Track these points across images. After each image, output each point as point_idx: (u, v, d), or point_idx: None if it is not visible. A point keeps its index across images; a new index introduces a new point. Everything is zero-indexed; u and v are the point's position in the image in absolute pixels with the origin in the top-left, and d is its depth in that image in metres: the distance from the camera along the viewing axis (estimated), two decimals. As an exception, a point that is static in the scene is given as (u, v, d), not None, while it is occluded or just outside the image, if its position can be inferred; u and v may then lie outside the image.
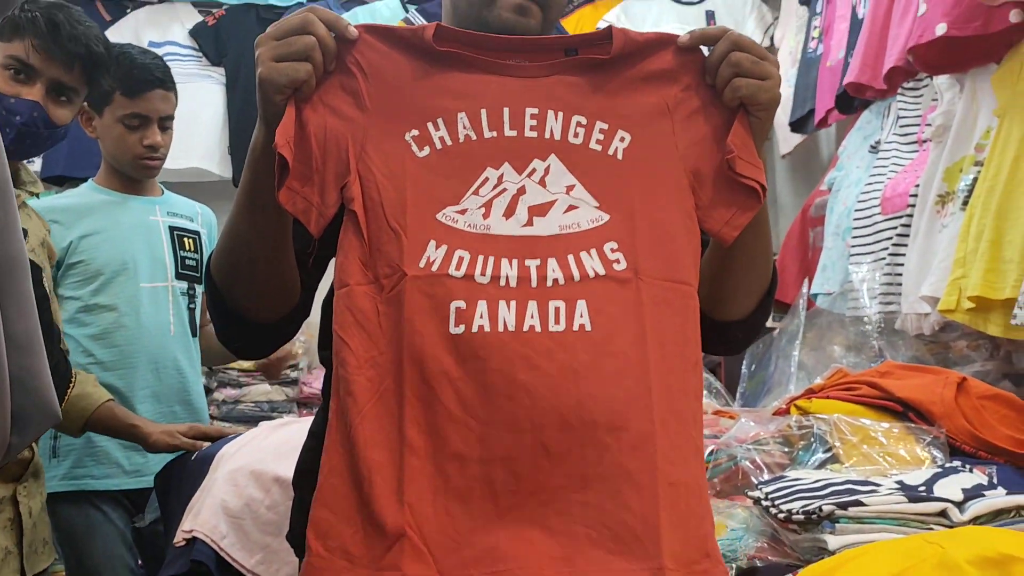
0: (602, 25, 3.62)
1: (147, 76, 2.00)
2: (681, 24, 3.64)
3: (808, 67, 3.02)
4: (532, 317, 0.92)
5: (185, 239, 2.23)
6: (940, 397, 1.63)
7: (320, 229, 0.97)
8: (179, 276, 2.17)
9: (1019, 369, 1.89)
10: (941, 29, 1.93)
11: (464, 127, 0.98)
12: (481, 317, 0.92)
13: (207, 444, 1.95)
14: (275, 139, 0.94)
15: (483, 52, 1.01)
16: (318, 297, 1.22)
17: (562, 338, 0.92)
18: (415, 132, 0.97)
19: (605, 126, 0.99)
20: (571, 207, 0.97)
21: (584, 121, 0.99)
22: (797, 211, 3.15)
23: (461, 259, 0.94)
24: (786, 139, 3.33)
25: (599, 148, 0.99)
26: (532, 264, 0.94)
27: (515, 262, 0.94)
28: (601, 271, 0.95)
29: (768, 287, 1.16)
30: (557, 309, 0.93)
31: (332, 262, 1.16)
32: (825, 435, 1.60)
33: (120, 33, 3.46)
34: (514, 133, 0.98)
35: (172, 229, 2.19)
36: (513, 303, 0.92)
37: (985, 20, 1.88)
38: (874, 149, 2.47)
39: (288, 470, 1.74)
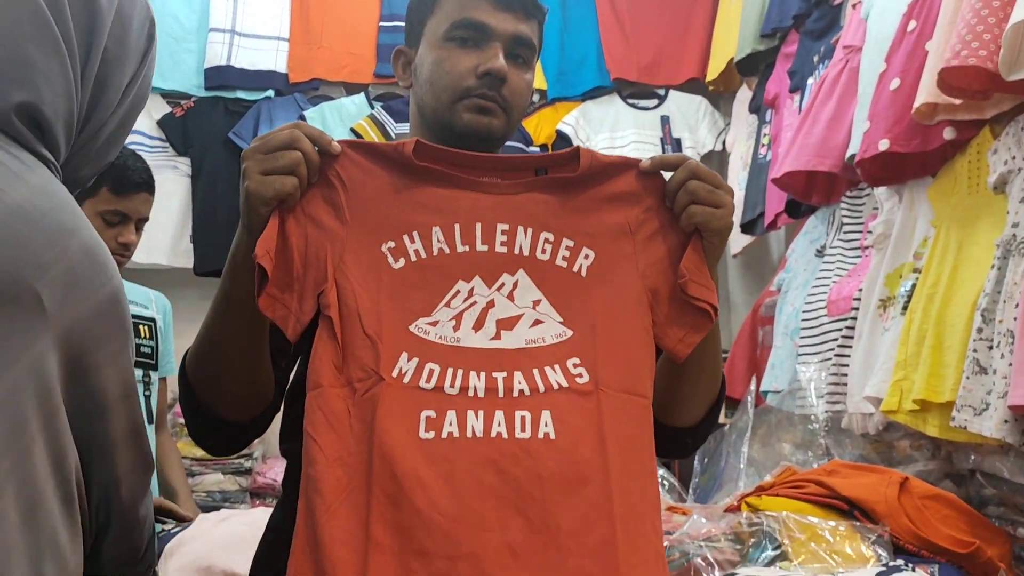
0: (561, 127, 3.75)
1: (137, 179, 2.06)
2: (637, 128, 3.79)
3: (758, 172, 3.15)
4: (499, 425, 0.96)
5: (140, 326, 2.24)
6: (884, 496, 1.67)
7: (297, 335, 1.00)
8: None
9: (960, 469, 1.95)
10: (884, 145, 2.03)
11: (438, 240, 1.03)
12: (450, 425, 0.96)
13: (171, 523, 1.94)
14: (255, 250, 0.97)
15: (459, 168, 1.06)
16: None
17: (528, 445, 0.96)
18: (391, 244, 1.02)
19: (571, 243, 1.04)
20: (537, 321, 1.02)
21: (551, 238, 1.04)
22: (748, 309, 3.23)
23: (432, 371, 0.98)
24: (736, 240, 3.45)
25: (564, 264, 1.04)
26: (499, 376, 0.98)
27: (483, 374, 0.98)
28: (564, 383, 0.99)
29: (717, 396, 1.21)
30: (523, 418, 0.97)
31: (300, 360, 1.19)
32: (774, 533, 1.63)
33: (88, 121, 3.51)
34: (485, 248, 1.03)
35: None
36: (481, 412, 0.96)
37: (923, 138, 1.99)
38: (820, 253, 2.56)
39: (236, 563, 1.74)
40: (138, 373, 2.17)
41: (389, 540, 0.92)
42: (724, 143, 3.79)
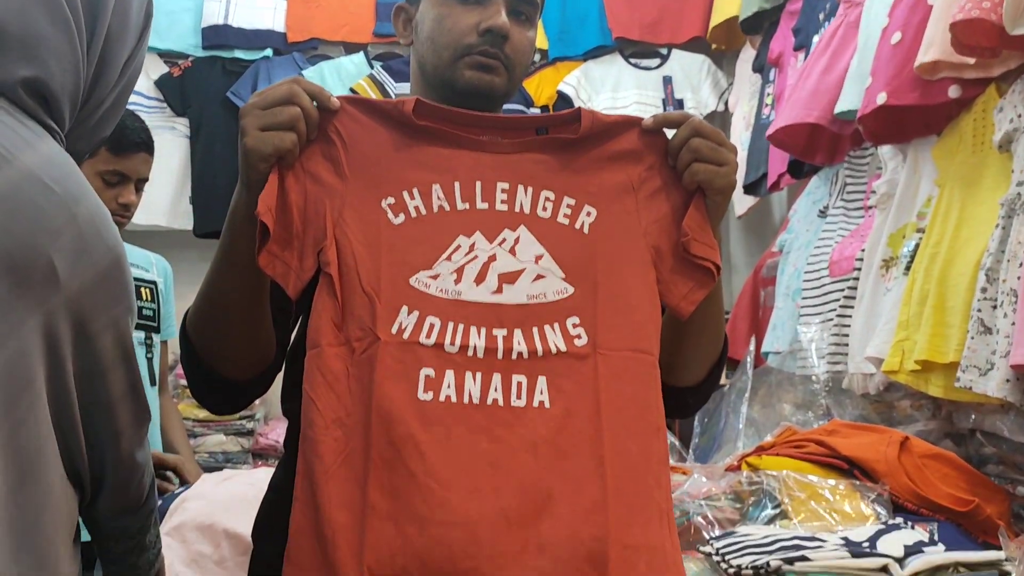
0: (563, 88, 3.71)
1: (136, 139, 2.02)
2: (639, 88, 3.75)
3: (761, 132, 3.11)
4: (496, 391, 0.96)
5: (142, 289, 2.23)
6: (884, 456, 1.68)
7: (297, 292, 1.00)
8: (135, 327, 2.17)
9: (960, 429, 1.95)
10: (881, 98, 2.02)
11: (438, 198, 1.02)
12: (448, 387, 0.95)
13: (175, 485, 1.94)
14: (257, 207, 0.96)
15: (459, 127, 1.05)
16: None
17: (522, 413, 0.96)
18: (391, 200, 1.01)
19: (572, 201, 1.03)
20: (539, 276, 1.01)
21: (552, 196, 1.03)
22: (750, 270, 3.23)
23: (432, 326, 0.97)
24: (741, 201, 3.43)
25: (566, 222, 1.03)
26: (499, 334, 0.98)
27: (483, 331, 0.97)
28: (562, 347, 0.99)
29: (719, 356, 1.20)
30: (519, 384, 0.97)
31: (302, 319, 1.18)
32: (774, 492, 1.64)
33: (84, 81, 3.47)
34: (485, 205, 1.02)
35: None
36: (479, 375, 0.96)
37: (923, 92, 1.97)
38: (822, 214, 2.55)
39: (239, 523, 1.75)
40: (140, 336, 2.17)
41: (386, 505, 0.92)
42: (727, 103, 3.76)
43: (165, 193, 3.49)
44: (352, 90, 3.56)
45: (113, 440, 0.93)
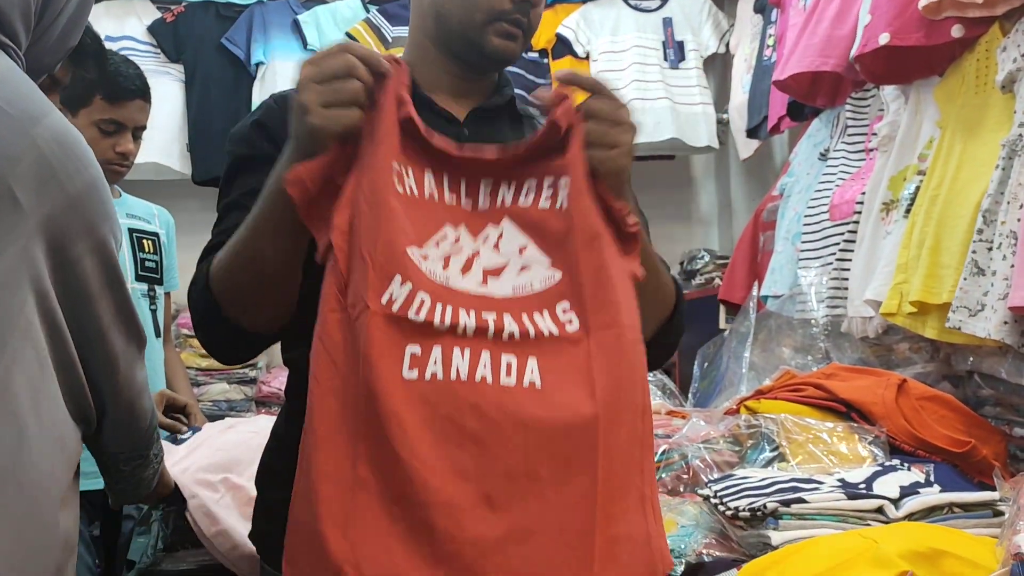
0: (561, 31, 3.66)
1: (130, 86, 2.00)
2: (639, 31, 3.70)
3: (763, 74, 3.08)
4: (484, 367, 0.93)
5: (144, 241, 2.23)
6: (881, 398, 1.69)
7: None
8: (139, 278, 2.17)
9: (958, 371, 1.96)
10: (884, 38, 1.99)
11: (429, 183, 1.00)
12: (435, 364, 0.92)
13: (187, 429, 1.97)
14: (301, 174, 0.96)
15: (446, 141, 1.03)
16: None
17: (512, 392, 0.92)
18: (397, 167, 0.98)
19: (551, 179, 1.01)
20: (524, 268, 0.99)
21: (533, 183, 1.02)
22: (750, 214, 3.21)
23: (422, 303, 0.94)
24: (745, 144, 3.41)
25: (548, 204, 1.01)
26: (490, 317, 0.95)
27: (472, 313, 0.95)
28: (555, 332, 0.96)
29: (670, 312, 1.19)
30: (509, 364, 0.93)
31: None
32: (772, 435, 1.65)
33: (77, 28, 3.42)
34: (469, 203, 1.01)
35: (131, 231, 2.19)
36: (467, 351, 0.93)
37: (927, 32, 1.94)
38: (823, 157, 2.53)
39: (242, 470, 1.77)
40: (143, 288, 2.18)
41: (373, 481, 0.90)
42: (728, 45, 3.71)
43: (163, 139, 3.45)
44: (348, 34, 3.52)
45: (109, 368, 0.92)
